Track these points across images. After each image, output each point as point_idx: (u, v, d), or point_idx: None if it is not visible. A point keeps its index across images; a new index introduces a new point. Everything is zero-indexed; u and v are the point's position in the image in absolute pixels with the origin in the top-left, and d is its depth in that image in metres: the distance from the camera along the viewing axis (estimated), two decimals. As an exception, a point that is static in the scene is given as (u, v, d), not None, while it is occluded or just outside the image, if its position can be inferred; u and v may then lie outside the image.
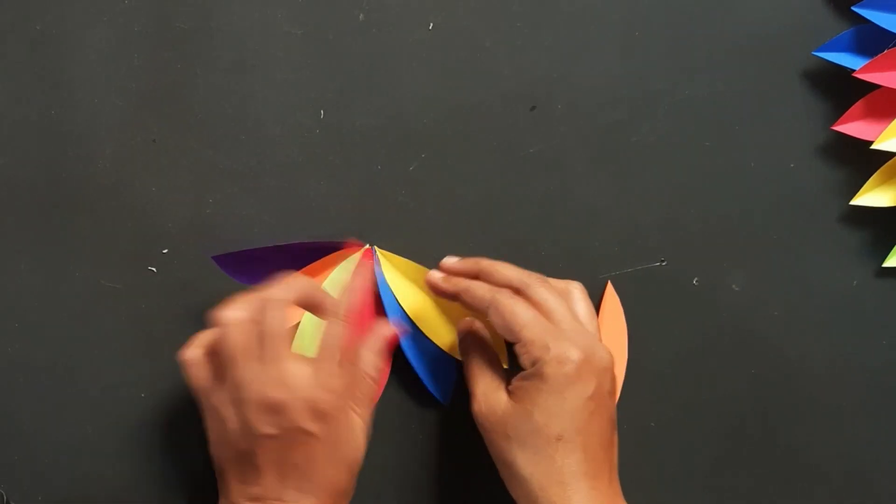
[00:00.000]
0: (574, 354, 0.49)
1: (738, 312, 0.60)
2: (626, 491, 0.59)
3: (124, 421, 0.59)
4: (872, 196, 0.59)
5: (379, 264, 0.58)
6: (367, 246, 0.58)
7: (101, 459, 0.59)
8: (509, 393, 0.51)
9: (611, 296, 0.59)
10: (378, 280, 0.57)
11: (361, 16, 0.59)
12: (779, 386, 0.61)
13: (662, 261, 0.60)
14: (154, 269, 0.59)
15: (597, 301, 0.59)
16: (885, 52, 0.56)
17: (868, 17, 0.57)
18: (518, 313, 0.50)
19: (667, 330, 0.60)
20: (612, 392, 0.51)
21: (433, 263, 0.57)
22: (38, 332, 0.58)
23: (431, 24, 0.59)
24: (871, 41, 0.58)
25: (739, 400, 0.60)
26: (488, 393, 0.51)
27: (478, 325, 0.56)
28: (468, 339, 0.55)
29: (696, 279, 0.61)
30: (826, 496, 0.61)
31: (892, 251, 0.60)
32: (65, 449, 0.58)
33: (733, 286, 0.60)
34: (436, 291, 0.55)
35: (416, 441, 0.59)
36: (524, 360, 0.50)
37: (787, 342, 0.61)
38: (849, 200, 0.60)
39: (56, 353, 0.58)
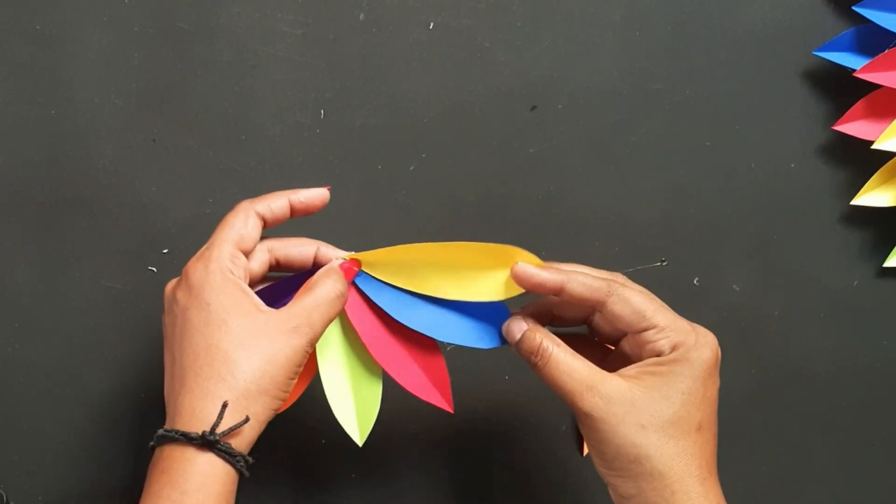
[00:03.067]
0: (714, 341, 0.47)
1: (738, 312, 0.60)
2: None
3: (124, 421, 0.59)
4: (873, 196, 0.59)
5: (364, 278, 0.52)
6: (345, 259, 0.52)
7: (101, 459, 0.59)
8: (627, 379, 0.46)
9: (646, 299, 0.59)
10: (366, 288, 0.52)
11: (361, 15, 0.59)
12: (779, 386, 0.61)
13: (662, 261, 0.60)
14: (154, 269, 0.59)
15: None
16: (886, 51, 0.56)
17: (868, 17, 0.57)
18: (644, 300, 0.48)
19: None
20: None
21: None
22: (38, 332, 0.58)
23: (431, 24, 0.59)
24: (872, 41, 0.58)
25: (739, 400, 0.60)
26: (596, 383, 0.46)
27: (531, 321, 0.50)
28: (534, 335, 0.48)
29: (696, 279, 0.61)
30: (826, 496, 0.61)
31: (893, 251, 0.60)
32: (65, 449, 0.58)
33: (733, 286, 0.60)
34: (528, 283, 0.48)
35: (415, 438, 0.59)
36: (660, 345, 0.47)
37: (787, 342, 0.61)
38: (849, 200, 0.60)
39: (56, 353, 0.58)
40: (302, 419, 0.59)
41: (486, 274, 0.49)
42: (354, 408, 0.51)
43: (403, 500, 0.59)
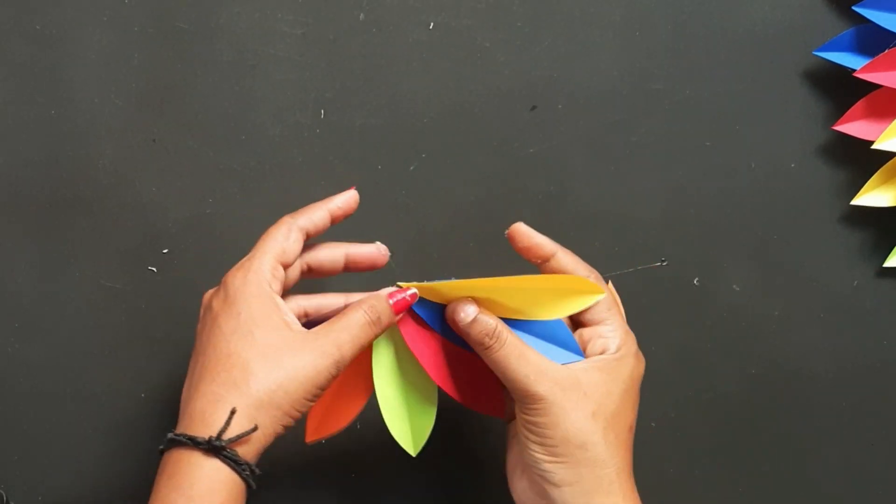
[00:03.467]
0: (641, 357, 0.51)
1: (738, 312, 0.60)
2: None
3: (124, 421, 0.59)
4: (873, 196, 0.59)
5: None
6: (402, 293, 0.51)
7: (101, 459, 0.59)
8: (576, 371, 0.48)
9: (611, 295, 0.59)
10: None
11: (361, 15, 0.59)
12: (779, 386, 0.61)
13: (663, 261, 0.60)
14: (154, 269, 0.59)
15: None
16: (886, 51, 0.56)
17: (868, 17, 0.57)
18: (609, 297, 0.51)
19: (667, 330, 0.60)
20: None
21: (432, 263, 0.57)
22: (38, 331, 0.58)
23: (431, 24, 0.59)
24: (872, 41, 0.58)
25: (740, 400, 0.60)
26: (549, 370, 0.48)
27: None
28: (488, 318, 0.49)
29: (696, 279, 0.61)
30: (826, 496, 0.61)
31: (893, 251, 0.60)
32: (65, 449, 0.58)
33: (733, 286, 0.60)
34: (524, 241, 0.51)
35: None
36: (610, 342, 0.50)
37: (787, 342, 0.61)
38: (849, 200, 0.60)
39: (56, 353, 0.58)
40: (302, 419, 0.59)
41: (549, 301, 0.50)
42: (409, 424, 0.52)
43: (403, 500, 0.59)
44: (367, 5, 0.59)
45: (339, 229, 0.59)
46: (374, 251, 0.53)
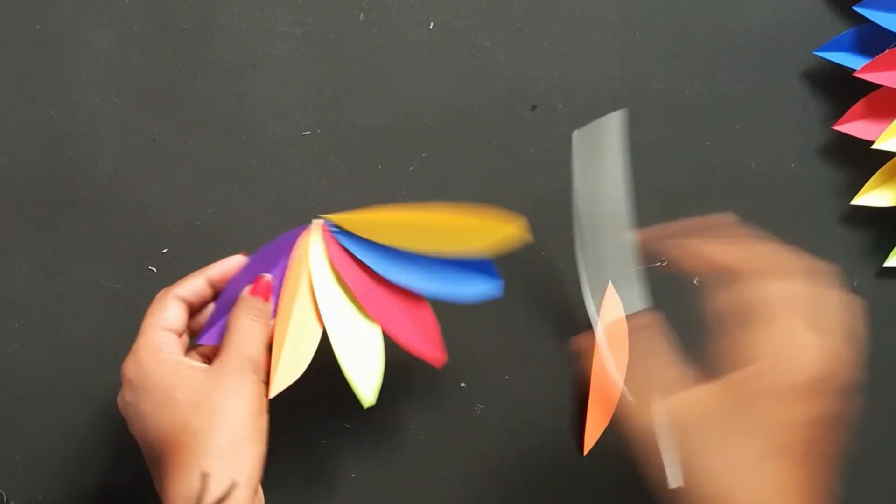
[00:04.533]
0: None
1: (739, 312, 0.60)
2: (628, 492, 0.59)
3: (124, 421, 0.59)
4: (873, 196, 0.59)
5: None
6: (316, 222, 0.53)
7: (101, 459, 0.59)
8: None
9: (612, 295, 0.59)
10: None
11: (361, 15, 0.59)
12: (779, 386, 0.60)
13: (663, 261, 0.60)
14: (154, 269, 0.59)
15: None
16: (886, 51, 0.56)
17: (869, 17, 0.57)
18: None
19: (667, 330, 0.60)
20: None
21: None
22: (38, 331, 0.58)
23: (431, 24, 0.59)
24: (872, 41, 0.58)
25: (739, 400, 0.60)
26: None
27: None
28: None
29: (696, 279, 0.60)
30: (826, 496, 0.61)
31: (893, 251, 0.60)
32: (65, 449, 0.58)
33: (733, 286, 0.60)
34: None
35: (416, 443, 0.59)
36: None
37: (788, 342, 0.61)
38: (849, 200, 0.60)
39: (56, 353, 0.58)
40: (302, 419, 0.59)
41: (470, 232, 0.51)
42: (363, 367, 0.51)
43: (403, 500, 0.59)
44: (367, 5, 0.59)
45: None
46: (232, 262, 0.52)
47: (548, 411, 0.60)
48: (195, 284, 0.51)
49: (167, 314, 0.49)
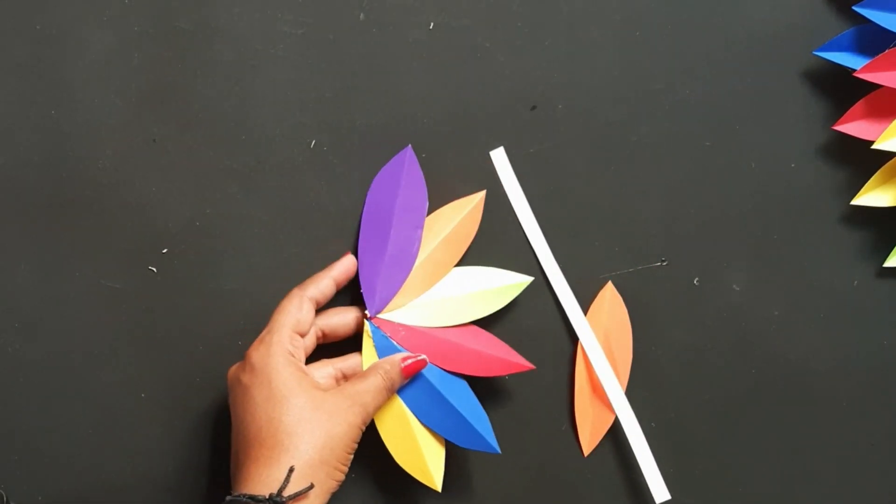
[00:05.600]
0: None
1: (738, 312, 0.60)
2: (628, 491, 0.59)
3: (124, 421, 0.59)
4: (873, 196, 0.59)
5: None
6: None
7: (101, 459, 0.59)
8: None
9: (613, 295, 0.59)
10: None
11: (361, 15, 0.59)
12: (779, 386, 0.61)
13: (663, 261, 0.60)
14: (154, 269, 0.59)
15: (590, 301, 0.59)
16: (886, 51, 0.56)
17: (869, 17, 0.57)
18: None
19: (667, 330, 0.60)
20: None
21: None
22: (38, 332, 0.58)
23: (431, 24, 0.59)
24: (872, 41, 0.58)
25: (739, 400, 0.60)
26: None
27: None
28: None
29: (696, 279, 0.61)
30: (826, 495, 0.61)
31: (893, 251, 0.60)
32: (65, 449, 0.58)
33: (733, 286, 0.60)
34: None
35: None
36: None
37: (787, 342, 0.61)
38: (849, 200, 0.60)
39: (56, 353, 0.58)
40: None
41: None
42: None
43: (403, 500, 0.59)
44: (367, 5, 0.59)
45: (338, 228, 0.59)
46: (351, 261, 0.58)
47: (548, 411, 0.60)
48: (324, 285, 0.56)
49: (301, 316, 0.54)
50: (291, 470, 0.48)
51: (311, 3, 0.59)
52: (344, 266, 0.57)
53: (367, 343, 0.56)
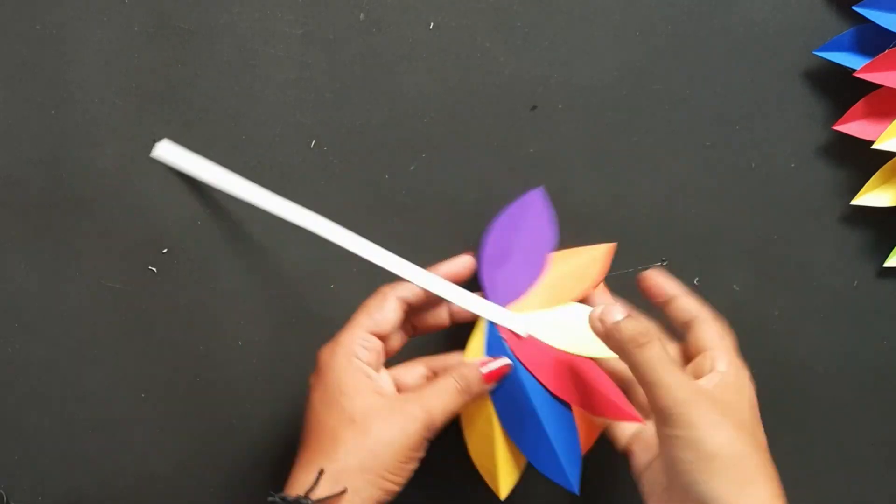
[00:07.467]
0: None
1: (738, 312, 0.60)
2: (629, 492, 0.58)
3: (124, 421, 0.59)
4: (873, 196, 0.59)
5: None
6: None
7: (101, 459, 0.59)
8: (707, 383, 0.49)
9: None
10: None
11: (362, 15, 0.59)
12: (779, 386, 0.61)
13: (663, 261, 0.60)
14: (154, 269, 0.59)
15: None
16: (886, 51, 0.56)
17: (869, 17, 0.57)
18: (722, 327, 0.53)
19: (667, 330, 0.60)
20: None
21: (432, 263, 0.57)
22: (38, 332, 0.58)
23: (431, 24, 0.59)
24: (872, 41, 0.58)
25: (739, 400, 0.60)
26: (687, 378, 0.47)
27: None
28: (640, 319, 0.50)
29: (696, 279, 0.61)
30: (826, 495, 0.61)
31: (893, 251, 0.60)
32: (65, 449, 0.58)
33: (733, 286, 0.60)
34: (650, 289, 0.54)
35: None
36: (715, 363, 0.50)
37: (787, 342, 0.61)
38: (849, 200, 0.60)
39: (56, 353, 0.58)
40: (301, 419, 0.59)
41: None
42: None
43: (403, 500, 0.59)
44: (367, 5, 0.59)
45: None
46: (461, 263, 0.55)
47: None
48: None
49: (382, 315, 0.52)
50: (321, 473, 0.46)
51: (311, 3, 0.59)
52: (454, 266, 0.54)
53: (478, 338, 0.54)
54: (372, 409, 0.48)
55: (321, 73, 0.59)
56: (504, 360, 0.52)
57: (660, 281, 0.54)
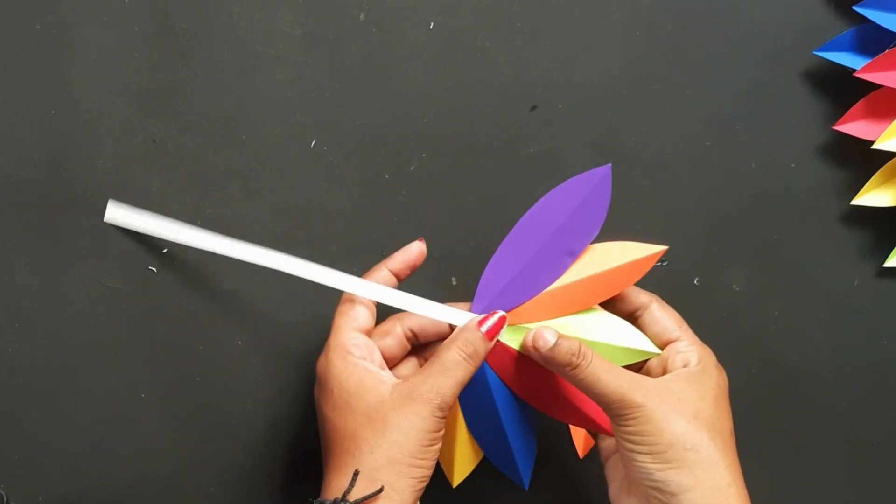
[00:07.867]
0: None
1: (738, 312, 0.60)
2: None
3: (124, 421, 0.59)
4: (873, 196, 0.59)
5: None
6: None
7: (101, 459, 0.59)
8: (665, 381, 0.50)
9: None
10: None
11: (362, 15, 0.59)
12: (779, 386, 0.61)
13: (663, 261, 0.60)
14: (154, 269, 0.59)
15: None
16: (886, 51, 0.56)
17: (869, 17, 0.57)
18: (676, 314, 0.54)
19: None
20: None
21: (432, 263, 0.57)
22: (38, 332, 0.58)
23: (431, 24, 0.59)
24: (872, 41, 0.58)
25: (740, 400, 0.60)
26: (640, 381, 0.49)
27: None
28: (571, 339, 0.50)
29: (696, 279, 0.61)
30: (826, 496, 0.61)
31: (893, 251, 0.60)
32: (65, 449, 0.58)
33: (733, 286, 0.60)
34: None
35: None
36: (688, 356, 0.51)
37: (787, 342, 0.61)
38: (849, 200, 0.60)
39: (56, 353, 0.58)
40: (301, 419, 0.59)
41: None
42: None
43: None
44: (367, 5, 0.59)
45: (337, 228, 0.59)
46: (412, 250, 0.54)
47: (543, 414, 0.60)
48: (381, 277, 0.53)
49: (357, 313, 0.52)
50: (356, 474, 0.47)
51: (311, 3, 0.59)
52: (403, 254, 0.53)
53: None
54: (384, 402, 0.48)
55: (321, 73, 0.59)
56: (499, 313, 0.52)
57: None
